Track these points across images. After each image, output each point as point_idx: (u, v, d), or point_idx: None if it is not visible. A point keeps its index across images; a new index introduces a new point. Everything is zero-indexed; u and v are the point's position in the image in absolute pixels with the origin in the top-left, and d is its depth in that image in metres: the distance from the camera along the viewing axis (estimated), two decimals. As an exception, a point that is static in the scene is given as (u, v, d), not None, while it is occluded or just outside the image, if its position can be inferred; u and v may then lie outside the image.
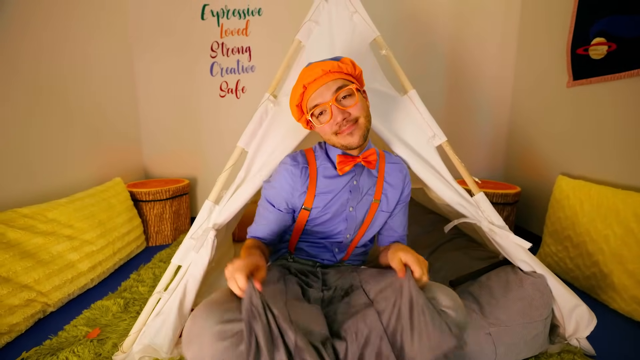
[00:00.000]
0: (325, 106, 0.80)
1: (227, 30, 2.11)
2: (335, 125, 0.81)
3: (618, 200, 1.24)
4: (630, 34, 1.32)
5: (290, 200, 0.89)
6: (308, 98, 0.83)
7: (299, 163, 0.90)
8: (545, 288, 0.93)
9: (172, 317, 0.98)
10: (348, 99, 0.81)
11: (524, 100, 2.04)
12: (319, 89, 0.80)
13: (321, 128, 0.84)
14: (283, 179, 0.89)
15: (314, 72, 0.80)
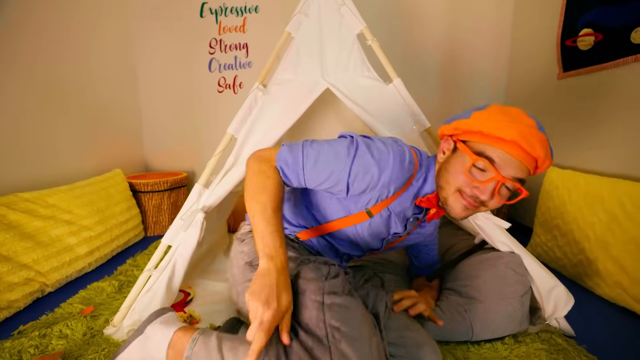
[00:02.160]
0: (494, 175, 0.65)
1: (225, 27, 2.17)
2: (470, 191, 0.68)
3: (603, 188, 1.25)
4: (615, 24, 1.34)
5: (372, 190, 0.73)
6: (489, 144, 0.66)
7: (412, 164, 0.74)
8: (519, 267, 0.95)
9: (161, 293, 1.02)
10: (507, 193, 0.70)
11: (518, 94, 2.05)
12: (512, 159, 0.65)
13: (458, 172, 0.68)
14: (390, 165, 0.70)
15: (527, 140, 0.63)
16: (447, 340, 0.93)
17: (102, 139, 1.89)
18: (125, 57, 2.13)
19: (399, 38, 2.13)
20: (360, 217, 0.79)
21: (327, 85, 1.27)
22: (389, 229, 0.83)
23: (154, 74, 2.23)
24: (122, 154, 2.09)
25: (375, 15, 2.09)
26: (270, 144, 1.26)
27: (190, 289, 1.25)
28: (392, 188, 0.75)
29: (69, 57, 1.65)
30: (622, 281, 1.13)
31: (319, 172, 0.71)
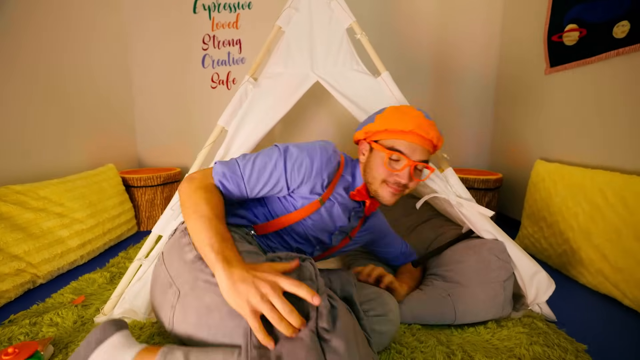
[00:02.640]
0: (406, 162, 0.78)
1: (218, 23, 2.18)
2: (392, 179, 0.80)
3: (586, 179, 1.28)
4: (598, 19, 1.37)
5: (308, 179, 0.77)
6: (395, 138, 0.79)
7: (337, 155, 0.83)
8: (502, 253, 0.98)
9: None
10: (420, 173, 0.85)
11: (508, 90, 2.08)
12: (413, 145, 0.79)
13: (379, 166, 0.80)
14: (318, 153, 0.78)
15: (422, 128, 0.78)
16: (430, 324, 0.95)
17: (95, 135, 1.89)
18: (119, 53, 2.13)
19: (390, 34, 2.16)
20: (310, 208, 0.82)
21: (316, 79, 1.29)
22: (335, 222, 0.87)
23: (148, 70, 2.23)
24: (115, 150, 2.09)
25: (366, 11, 2.11)
26: (261, 135, 1.27)
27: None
28: (325, 175, 0.80)
29: (62, 52, 1.65)
30: (603, 269, 1.16)
31: (258, 177, 0.74)
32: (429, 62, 2.19)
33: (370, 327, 0.72)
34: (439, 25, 2.14)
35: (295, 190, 0.79)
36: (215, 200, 0.67)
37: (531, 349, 0.83)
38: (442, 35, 2.15)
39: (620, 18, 1.27)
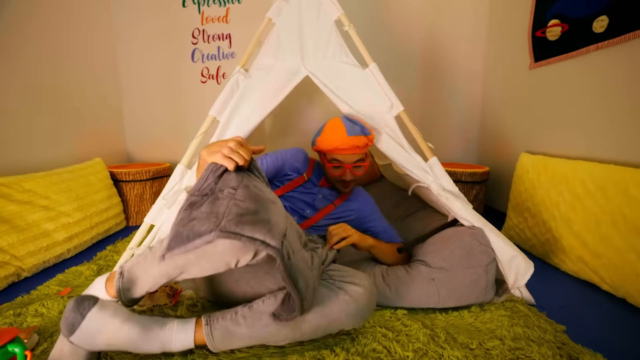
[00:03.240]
0: (345, 167, 1.07)
1: (208, 17, 2.17)
2: (342, 179, 1.10)
3: (568, 170, 1.32)
4: (579, 14, 1.41)
5: (288, 164, 1.16)
6: (331, 152, 1.09)
7: (304, 153, 1.21)
8: (484, 238, 1.00)
9: None
10: (358, 169, 1.10)
11: (494, 85, 2.12)
12: (347, 155, 1.07)
13: (328, 172, 1.13)
14: (292, 153, 1.18)
15: (345, 143, 1.05)
16: (415, 308, 0.97)
17: (82, 129, 1.87)
18: (108, 48, 2.11)
19: (379, 29, 2.18)
20: (295, 183, 1.16)
21: (307, 73, 1.30)
22: (314, 196, 1.16)
23: (137, 65, 2.21)
24: (103, 145, 2.06)
25: (355, 4, 2.12)
26: (252, 126, 1.28)
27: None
28: (300, 165, 1.16)
29: (49, 47, 1.63)
30: (583, 256, 1.20)
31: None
32: (418, 58, 2.22)
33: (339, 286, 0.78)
34: (427, 21, 2.17)
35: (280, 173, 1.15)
36: None
37: (512, 330, 0.85)
38: (431, 31, 2.18)
39: (600, 13, 1.31)
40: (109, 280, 0.79)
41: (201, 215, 0.66)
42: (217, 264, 0.67)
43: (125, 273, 0.77)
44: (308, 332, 0.75)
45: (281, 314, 0.71)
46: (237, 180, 0.71)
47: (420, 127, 2.32)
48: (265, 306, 0.74)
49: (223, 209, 0.65)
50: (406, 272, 1.02)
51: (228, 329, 0.73)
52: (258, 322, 0.73)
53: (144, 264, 0.76)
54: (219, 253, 0.64)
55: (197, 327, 0.74)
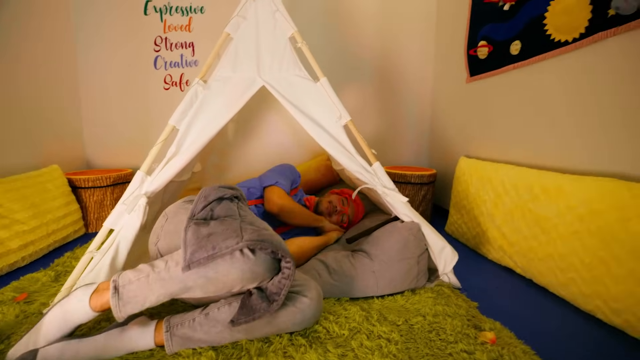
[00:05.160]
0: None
1: (171, 25, 2.21)
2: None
3: (491, 171, 1.53)
4: (501, 38, 1.64)
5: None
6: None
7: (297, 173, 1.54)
8: (419, 232, 1.16)
9: (104, 273, 1.05)
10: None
11: (440, 96, 2.35)
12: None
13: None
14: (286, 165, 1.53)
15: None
16: (357, 297, 1.11)
17: (38, 136, 1.84)
18: (66, 53, 2.08)
19: (336, 46, 2.33)
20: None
21: (263, 83, 1.41)
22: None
23: (97, 71, 2.20)
24: (61, 151, 2.03)
25: (311, 19, 2.27)
26: (211, 135, 1.36)
27: (133, 275, 1.30)
28: (292, 181, 1.44)
29: (3, 50, 1.60)
30: (502, 245, 1.41)
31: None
32: (374, 74, 2.41)
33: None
34: (380, 39, 2.36)
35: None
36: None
37: (434, 308, 1.01)
38: (384, 50, 2.38)
39: (515, 38, 1.54)
40: (96, 293, 0.80)
41: (218, 231, 0.73)
42: (224, 285, 0.74)
43: (121, 290, 0.76)
44: (258, 337, 0.84)
45: (240, 319, 0.76)
46: (233, 209, 0.81)
47: (378, 135, 2.52)
48: (221, 314, 0.81)
49: (237, 226, 0.73)
50: (351, 265, 1.15)
51: (186, 334, 0.80)
52: (213, 329, 0.80)
53: (146, 282, 0.76)
54: (235, 270, 0.71)
55: (157, 331, 0.81)
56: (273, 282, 0.76)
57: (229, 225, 0.73)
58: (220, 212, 0.80)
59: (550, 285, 1.18)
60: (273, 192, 1.33)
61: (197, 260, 0.69)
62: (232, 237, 0.70)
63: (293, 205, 1.34)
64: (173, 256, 0.81)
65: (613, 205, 0.96)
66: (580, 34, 1.21)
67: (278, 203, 1.29)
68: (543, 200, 1.21)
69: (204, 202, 0.83)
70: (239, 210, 0.83)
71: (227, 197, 0.88)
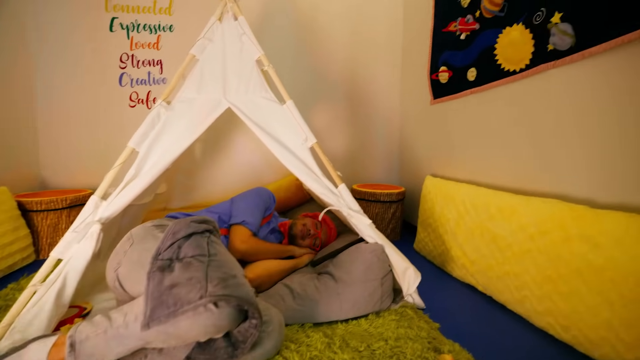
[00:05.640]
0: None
1: (138, 43, 2.17)
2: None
3: (454, 191, 1.59)
4: (459, 64, 1.74)
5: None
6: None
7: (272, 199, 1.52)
8: (382, 254, 1.18)
9: (48, 308, 0.97)
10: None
11: (408, 118, 2.45)
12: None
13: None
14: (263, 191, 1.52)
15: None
16: (321, 322, 1.09)
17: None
18: (20, 68, 1.98)
19: (307, 69, 2.39)
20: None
21: (228, 105, 1.40)
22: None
23: (55, 87, 2.10)
24: (10, 172, 1.90)
25: (285, 43, 2.32)
26: (173, 157, 1.32)
27: (88, 304, 1.22)
28: (266, 208, 1.45)
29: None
30: (465, 263, 1.45)
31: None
32: (345, 95, 2.48)
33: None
34: (350, 64, 2.45)
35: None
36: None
37: (397, 331, 1.01)
38: (354, 73, 2.46)
39: (471, 65, 1.65)
40: (56, 347, 0.75)
41: (181, 281, 0.68)
42: (187, 339, 0.70)
43: (78, 347, 0.72)
44: None
45: (198, 357, 0.74)
46: (202, 247, 0.75)
47: (351, 154, 2.57)
48: (177, 352, 0.75)
49: (202, 274, 0.68)
50: (316, 289, 1.14)
51: None
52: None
53: (104, 338, 0.73)
54: (197, 326, 0.66)
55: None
56: (240, 330, 0.73)
57: (194, 272, 0.68)
58: (187, 251, 0.75)
59: (508, 303, 1.23)
60: (236, 234, 1.29)
61: (158, 318, 0.65)
62: (195, 289, 0.66)
63: (257, 246, 1.30)
64: (133, 308, 0.76)
65: (557, 225, 1.02)
66: (526, 64, 1.31)
67: (240, 249, 1.25)
68: (499, 220, 1.27)
69: (172, 239, 0.78)
70: (208, 248, 0.78)
71: (198, 231, 0.83)
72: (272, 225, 1.53)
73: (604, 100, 1.04)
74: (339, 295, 1.10)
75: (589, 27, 1.06)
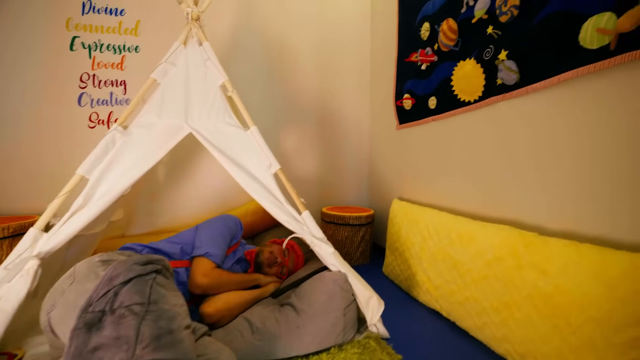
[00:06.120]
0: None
1: (100, 63, 2.10)
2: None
3: (418, 215, 1.62)
4: (421, 93, 1.82)
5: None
6: None
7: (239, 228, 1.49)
8: (345, 283, 1.16)
9: None
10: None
11: (377, 141, 2.51)
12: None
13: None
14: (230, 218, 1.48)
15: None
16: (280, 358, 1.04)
17: None
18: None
19: (279, 96, 2.42)
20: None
21: (190, 130, 1.37)
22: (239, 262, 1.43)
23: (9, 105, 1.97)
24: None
25: (255, 65, 2.34)
26: (128, 184, 1.26)
27: (20, 349, 1.09)
28: (232, 237, 1.40)
29: None
30: (429, 288, 1.46)
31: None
32: (316, 119, 2.51)
33: None
34: (320, 88, 2.50)
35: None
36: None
37: (358, 366, 0.98)
38: (323, 98, 2.51)
39: (431, 94, 1.73)
40: None
41: (107, 342, 0.59)
42: None
43: None
44: None
45: None
46: (143, 292, 0.65)
47: (322, 176, 2.58)
48: None
49: (133, 332, 0.59)
50: (276, 322, 1.09)
51: None
52: None
53: None
54: None
55: None
56: None
57: (124, 329, 0.60)
58: (124, 299, 0.65)
59: (470, 329, 1.23)
60: (199, 267, 1.22)
61: None
62: (122, 351, 0.57)
63: (220, 279, 1.24)
64: None
65: (510, 252, 1.05)
66: (479, 96, 1.39)
67: (202, 284, 1.18)
68: (458, 245, 1.29)
69: (108, 285, 0.68)
70: (150, 293, 0.68)
71: (143, 274, 0.74)
72: (239, 254, 1.47)
73: (549, 132, 1.11)
74: (299, 328, 1.06)
75: (531, 65, 1.15)
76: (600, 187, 0.95)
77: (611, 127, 0.93)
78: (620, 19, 0.86)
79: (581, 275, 0.85)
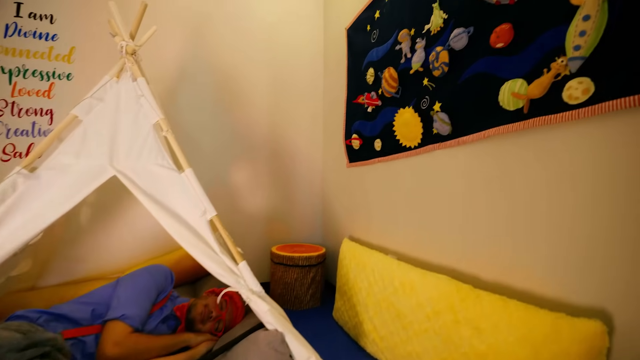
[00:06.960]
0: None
1: (23, 89, 1.89)
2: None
3: (366, 258, 1.58)
4: (368, 134, 1.86)
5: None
6: None
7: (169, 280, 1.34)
8: (281, 345, 1.05)
9: None
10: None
11: (329, 179, 2.50)
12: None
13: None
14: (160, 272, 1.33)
15: None
16: None
17: None
18: None
19: (233, 139, 2.36)
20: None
21: (114, 173, 1.23)
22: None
23: None
24: None
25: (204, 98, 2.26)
26: (31, 235, 1.09)
27: None
28: (160, 291, 1.26)
29: None
30: (375, 338, 1.40)
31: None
32: (268, 155, 2.46)
33: None
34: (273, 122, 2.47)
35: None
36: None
37: None
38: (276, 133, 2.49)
39: (377, 137, 1.76)
40: None
41: None
42: None
43: None
44: None
45: None
46: None
47: (275, 213, 2.49)
48: None
49: None
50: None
51: None
52: None
53: None
54: None
55: None
56: None
57: None
58: None
59: (414, 385, 1.18)
60: (110, 334, 1.03)
61: None
62: None
63: (136, 346, 1.05)
64: None
65: (448, 306, 1.04)
66: (418, 143, 1.44)
67: (111, 355, 0.99)
68: (401, 294, 1.26)
69: None
70: None
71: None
72: (166, 312, 1.29)
73: (481, 181, 1.15)
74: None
75: (460, 119, 1.21)
76: (523, 240, 0.98)
77: (529, 184, 0.98)
78: (530, 86, 0.93)
79: (511, 335, 0.84)
